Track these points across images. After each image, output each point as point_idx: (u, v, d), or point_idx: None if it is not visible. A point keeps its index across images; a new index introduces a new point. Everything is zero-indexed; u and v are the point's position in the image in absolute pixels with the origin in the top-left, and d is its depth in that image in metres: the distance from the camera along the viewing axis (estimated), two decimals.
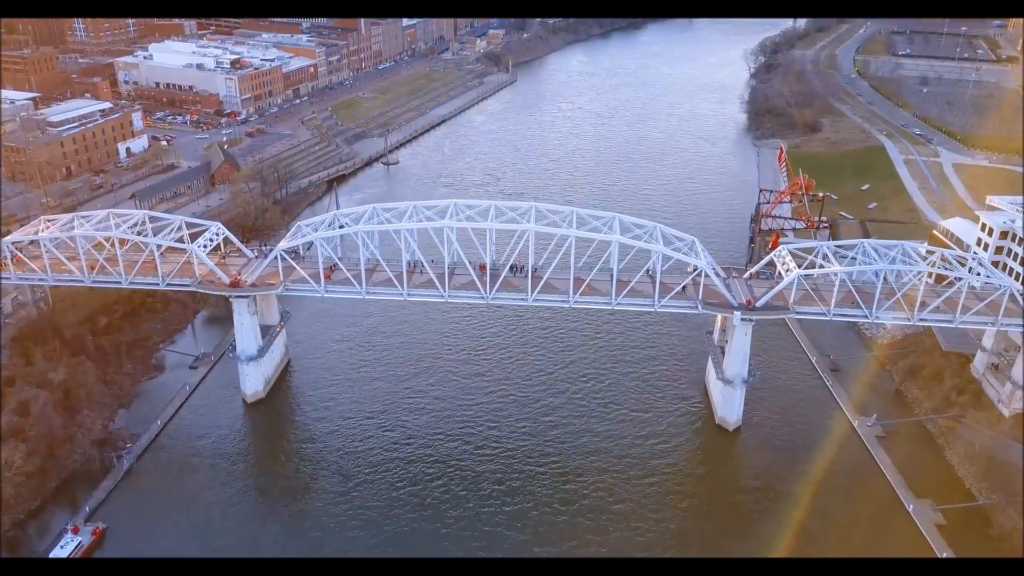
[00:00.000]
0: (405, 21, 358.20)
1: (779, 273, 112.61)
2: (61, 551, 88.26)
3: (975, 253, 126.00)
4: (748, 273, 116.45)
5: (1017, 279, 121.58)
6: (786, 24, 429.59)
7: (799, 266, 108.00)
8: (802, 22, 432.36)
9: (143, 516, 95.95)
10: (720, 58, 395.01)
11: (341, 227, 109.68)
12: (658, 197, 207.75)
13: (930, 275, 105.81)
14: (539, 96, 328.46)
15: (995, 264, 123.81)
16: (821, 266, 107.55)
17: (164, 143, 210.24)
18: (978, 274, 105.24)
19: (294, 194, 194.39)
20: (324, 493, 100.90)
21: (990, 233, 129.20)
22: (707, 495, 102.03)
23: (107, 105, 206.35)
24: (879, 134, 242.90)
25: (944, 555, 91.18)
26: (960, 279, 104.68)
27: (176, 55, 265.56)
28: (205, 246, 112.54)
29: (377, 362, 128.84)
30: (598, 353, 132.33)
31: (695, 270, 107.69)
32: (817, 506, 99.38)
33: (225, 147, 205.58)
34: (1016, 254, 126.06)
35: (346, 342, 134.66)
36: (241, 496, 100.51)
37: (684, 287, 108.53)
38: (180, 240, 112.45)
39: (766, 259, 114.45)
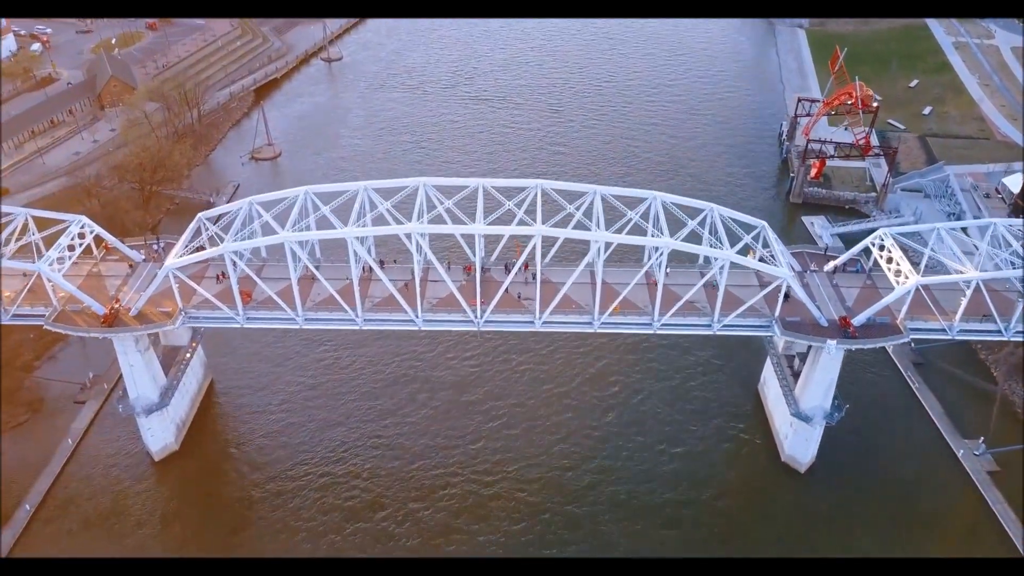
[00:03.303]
0: None
1: (872, 263, 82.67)
2: None
3: None
4: (831, 265, 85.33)
5: None
6: None
7: (900, 254, 76.86)
8: None
9: None
10: None
11: (263, 232, 74.89)
12: (664, 100, 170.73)
13: None
14: None
15: None
16: (936, 263, 77.00)
17: (37, 46, 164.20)
18: None
19: (211, 113, 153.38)
20: None
21: None
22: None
23: None
24: None
25: None
26: None
27: None
28: (60, 259, 76.93)
29: (329, 383, 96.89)
30: (625, 359, 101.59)
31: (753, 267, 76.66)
32: None
33: (116, 52, 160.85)
34: None
35: (288, 349, 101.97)
36: None
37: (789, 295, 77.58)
38: (25, 250, 77.54)
39: (860, 246, 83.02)
